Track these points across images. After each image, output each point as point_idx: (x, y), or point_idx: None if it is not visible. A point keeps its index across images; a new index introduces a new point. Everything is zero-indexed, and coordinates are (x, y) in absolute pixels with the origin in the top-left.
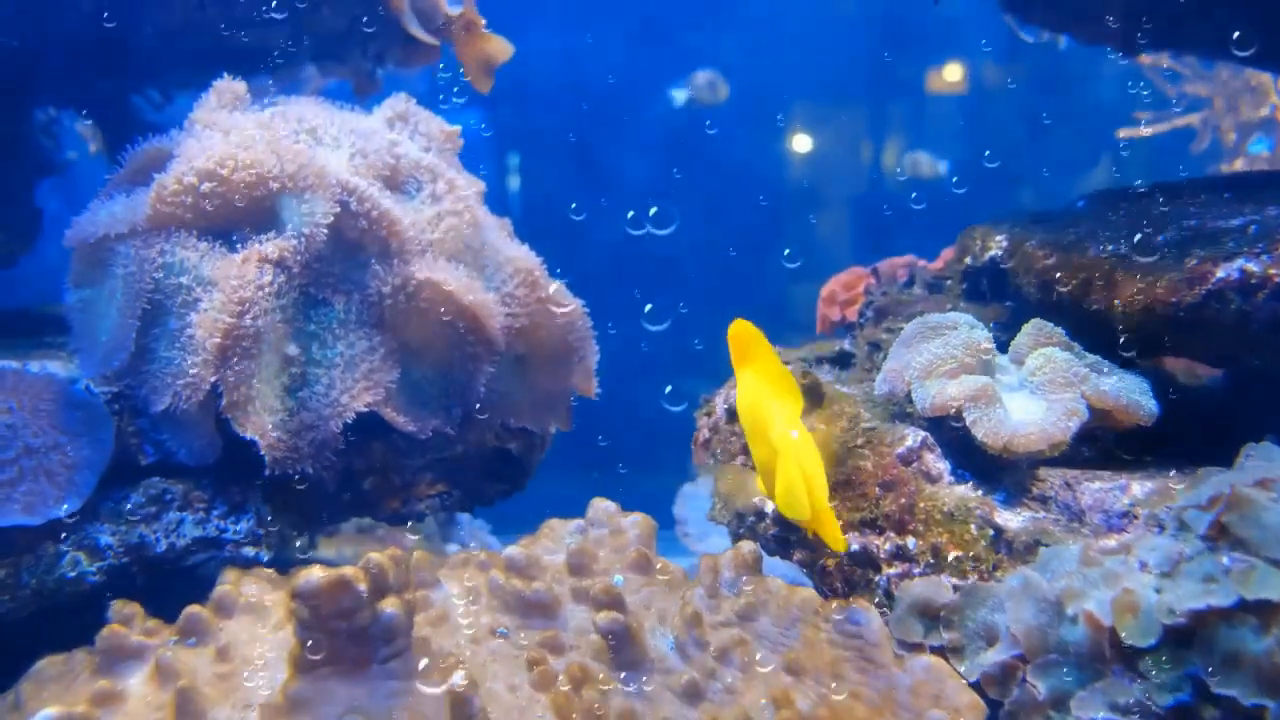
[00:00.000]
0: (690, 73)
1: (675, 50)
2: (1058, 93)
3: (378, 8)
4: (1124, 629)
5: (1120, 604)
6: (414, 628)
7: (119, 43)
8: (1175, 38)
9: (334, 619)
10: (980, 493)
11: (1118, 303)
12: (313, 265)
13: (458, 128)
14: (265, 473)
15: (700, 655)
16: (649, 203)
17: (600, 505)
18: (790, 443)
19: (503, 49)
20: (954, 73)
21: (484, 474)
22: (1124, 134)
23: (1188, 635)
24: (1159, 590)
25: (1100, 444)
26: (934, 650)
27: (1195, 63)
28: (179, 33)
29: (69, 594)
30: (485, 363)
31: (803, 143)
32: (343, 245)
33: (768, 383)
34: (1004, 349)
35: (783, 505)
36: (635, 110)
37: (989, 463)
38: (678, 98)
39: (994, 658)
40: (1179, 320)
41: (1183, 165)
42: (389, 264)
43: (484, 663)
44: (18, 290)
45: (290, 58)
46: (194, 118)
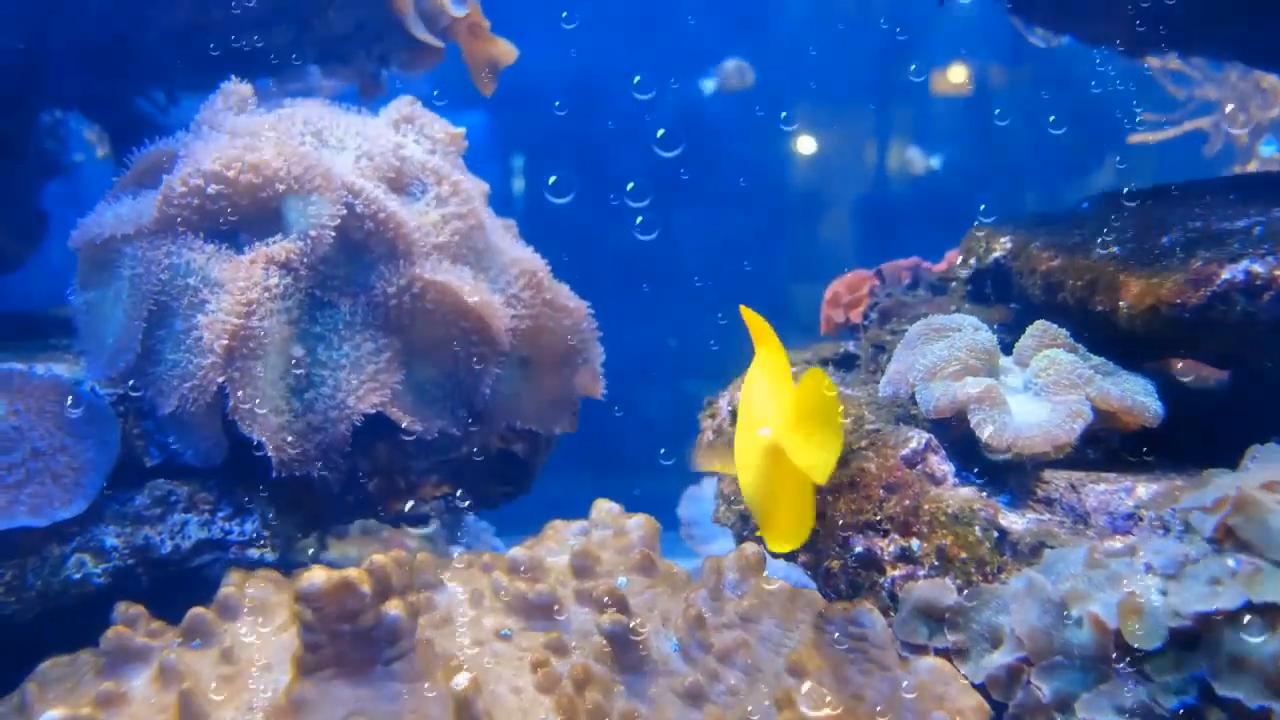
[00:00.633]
0: (692, 71)
1: (678, 51)
2: (1064, 94)
3: (382, 10)
4: (1129, 631)
5: (1125, 606)
6: (418, 629)
7: (124, 45)
8: (1182, 39)
9: (337, 621)
10: (985, 495)
11: (1123, 304)
12: (318, 267)
13: (462, 130)
14: (271, 474)
15: (703, 657)
16: (651, 205)
17: (604, 507)
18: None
19: (507, 51)
20: (959, 74)
21: (489, 476)
22: (1135, 139)
23: (1193, 638)
24: (1164, 593)
25: (1105, 446)
26: (938, 652)
27: (1203, 64)
28: (184, 35)
29: (74, 596)
30: (491, 364)
31: (807, 144)
32: (348, 247)
33: (763, 376)
34: (1008, 351)
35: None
36: (638, 111)
37: (993, 465)
38: (706, 87)
39: (999, 660)
40: (1184, 322)
41: (1194, 167)
42: (394, 265)
43: (488, 665)
44: (24, 293)
45: (294, 60)
46: (200, 120)
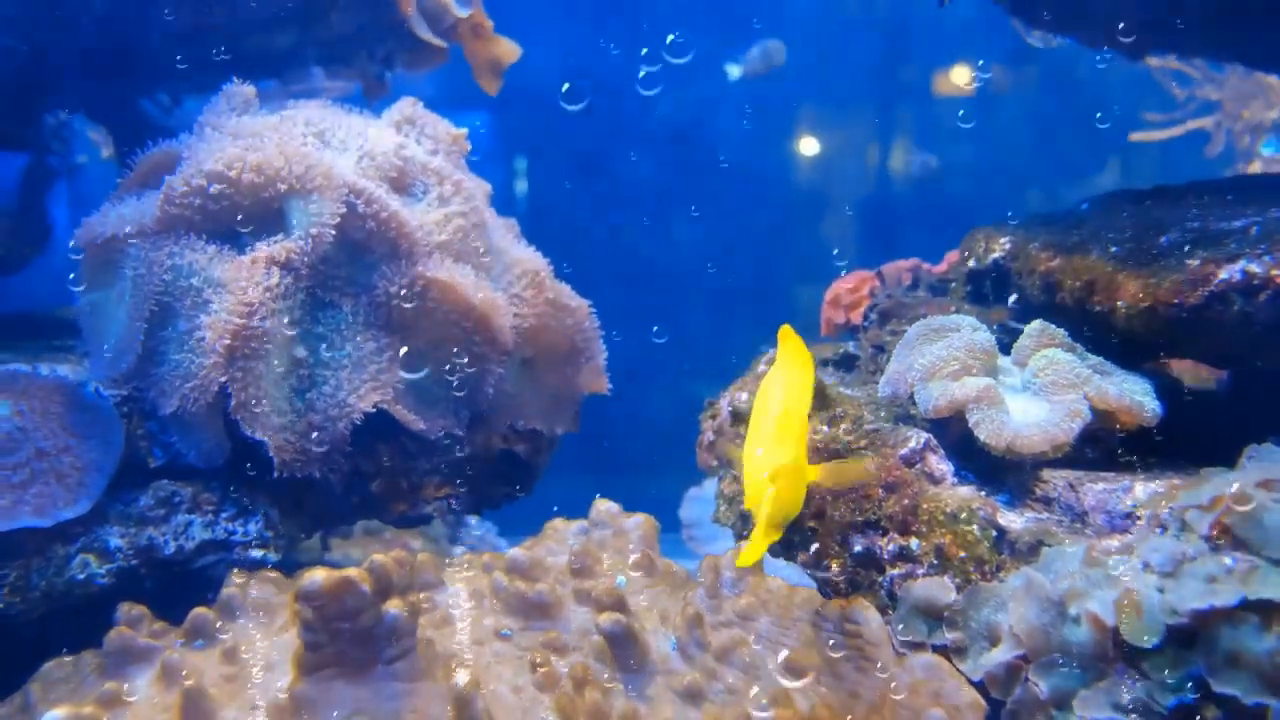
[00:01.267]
0: (694, 73)
1: (681, 50)
2: (1065, 95)
3: (386, 12)
4: (1127, 629)
5: (1123, 604)
6: (418, 629)
7: (129, 47)
8: (1183, 41)
9: (338, 620)
10: (983, 494)
11: (1121, 304)
12: (320, 267)
13: (464, 131)
14: (273, 474)
15: (701, 656)
16: (651, 208)
17: (603, 506)
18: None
19: (510, 51)
20: (961, 75)
21: (491, 476)
22: (1136, 137)
23: (1190, 635)
24: (1162, 590)
25: (1103, 445)
26: (937, 650)
27: (1204, 65)
28: (188, 37)
29: (78, 596)
30: (493, 364)
31: (809, 145)
32: (350, 247)
33: (785, 392)
34: (1007, 351)
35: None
36: (642, 113)
37: (992, 464)
38: (732, 73)
39: (997, 657)
40: (1182, 322)
41: (1195, 167)
42: (396, 265)
43: (488, 664)
44: (28, 293)
45: (299, 62)
46: (203, 121)
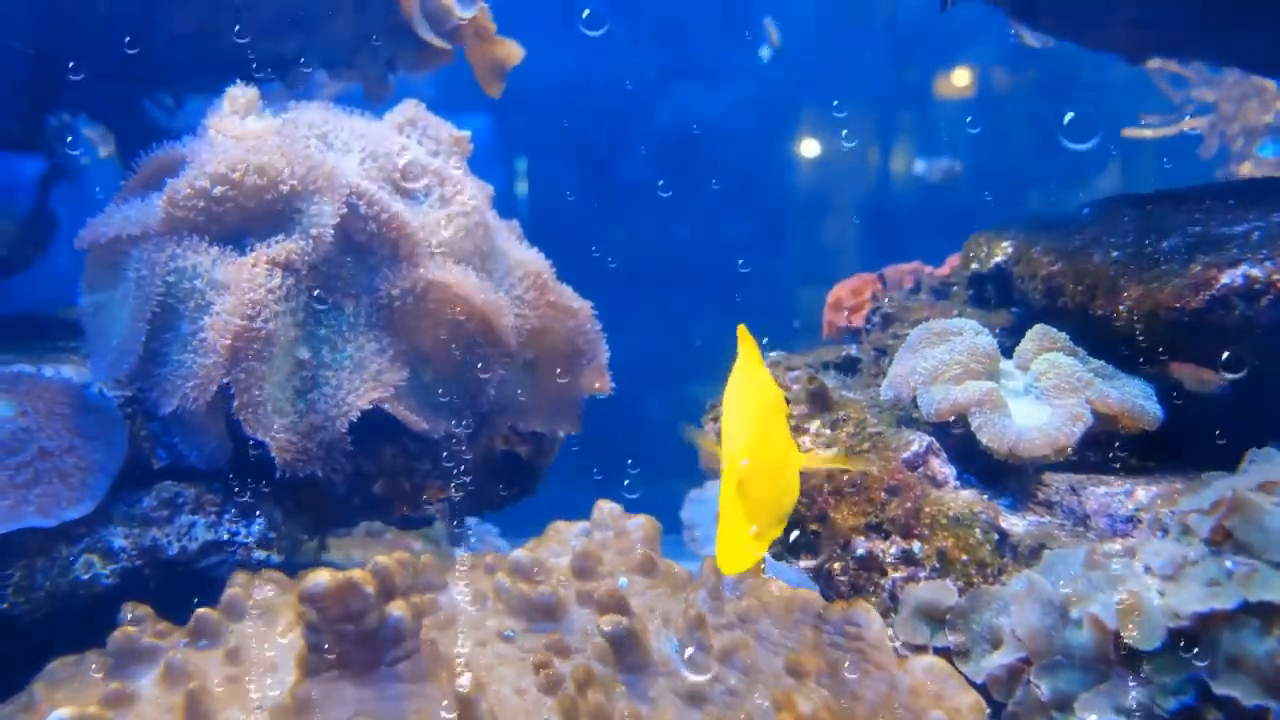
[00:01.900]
0: (696, 76)
1: (683, 56)
2: (1065, 98)
3: (389, 13)
4: (1128, 632)
5: (1125, 607)
6: (421, 630)
7: (133, 48)
8: (1182, 45)
9: (342, 622)
10: (985, 497)
11: (1122, 308)
12: (321, 268)
13: (467, 133)
14: (276, 475)
15: (704, 658)
16: (653, 209)
17: (605, 508)
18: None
19: (513, 53)
20: (962, 78)
21: (494, 478)
22: (1128, 133)
23: (1191, 638)
24: (1163, 593)
25: (1105, 449)
26: (939, 652)
27: (1202, 68)
28: (192, 38)
29: (82, 596)
30: (495, 365)
31: (810, 147)
32: (352, 248)
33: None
34: (1009, 354)
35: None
36: (644, 115)
37: (994, 467)
38: (764, 55)
39: (999, 660)
40: (1183, 326)
41: (1191, 170)
42: (398, 267)
43: (490, 665)
44: (30, 293)
45: (301, 64)
46: (207, 123)
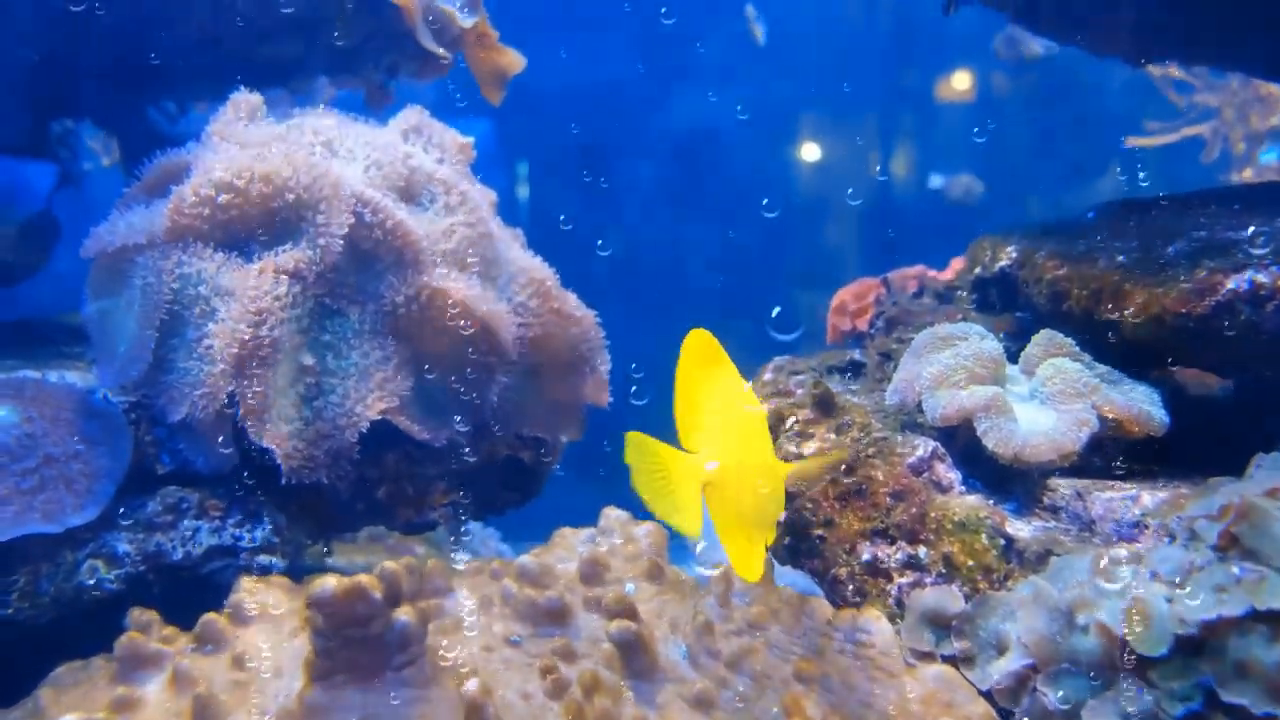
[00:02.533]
0: (698, 80)
1: (684, 59)
2: (1068, 102)
3: (391, 21)
4: (1135, 638)
5: (1131, 613)
6: (428, 636)
7: (136, 56)
8: (1185, 49)
9: (349, 627)
10: (991, 502)
11: (1128, 313)
12: (328, 276)
13: (470, 139)
14: (281, 481)
15: (712, 664)
16: (656, 214)
17: (612, 514)
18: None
19: (515, 61)
20: (963, 81)
21: (497, 483)
22: (1131, 142)
23: (1199, 645)
24: (1170, 600)
25: (1111, 454)
26: (945, 659)
27: (1205, 72)
28: (194, 46)
29: (87, 601)
30: (498, 372)
31: (812, 152)
32: (357, 256)
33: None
34: (1014, 359)
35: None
36: (645, 121)
37: (1000, 472)
38: (755, 31)
39: (1006, 667)
40: (1189, 331)
41: (1193, 175)
42: (403, 274)
43: (497, 671)
44: (31, 296)
45: (304, 70)
46: (211, 130)
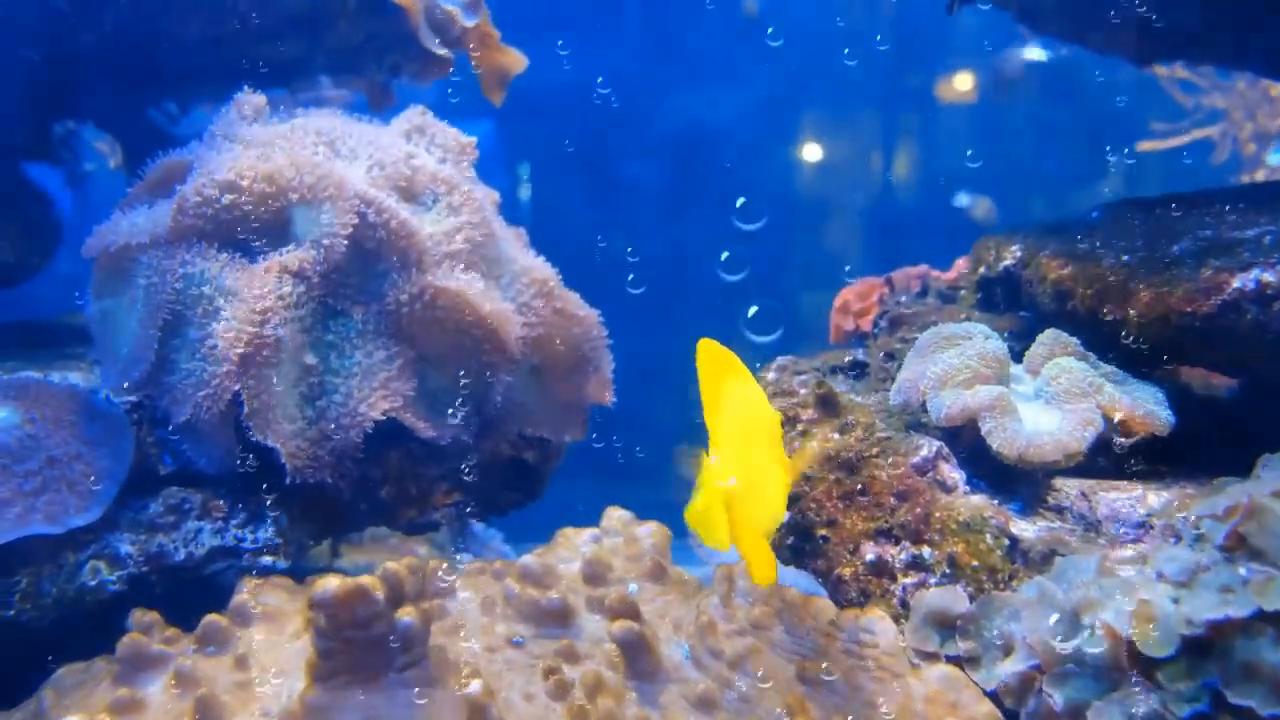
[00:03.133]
0: (699, 80)
1: (685, 59)
2: (1072, 102)
3: (393, 22)
4: (1141, 639)
5: (1137, 614)
6: (430, 636)
7: (138, 56)
8: (1190, 48)
9: (351, 628)
10: (996, 502)
11: (1133, 313)
12: (331, 276)
13: (473, 139)
14: (284, 482)
15: (715, 664)
16: (658, 214)
17: (615, 514)
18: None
19: (517, 61)
20: (965, 81)
21: (500, 483)
22: (1144, 147)
23: (1205, 646)
24: (1176, 601)
25: (1116, 454)
26: (950, 660)
27: (1211, 73)
28: (197, 46)
29: (90, 602)
30: (501, 372)
31: (813, 151)
32: (361, 256)
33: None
34: (1019, 359)
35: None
36: (646, 121)
37: (1004, 472)
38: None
39: (1011, 668)
40: (1194, 330)
41: (1202, 176)
42: (406, 274)
43: (500, 671)
44: (32, 297)
45: (307, 71)
46: (214, 130)
